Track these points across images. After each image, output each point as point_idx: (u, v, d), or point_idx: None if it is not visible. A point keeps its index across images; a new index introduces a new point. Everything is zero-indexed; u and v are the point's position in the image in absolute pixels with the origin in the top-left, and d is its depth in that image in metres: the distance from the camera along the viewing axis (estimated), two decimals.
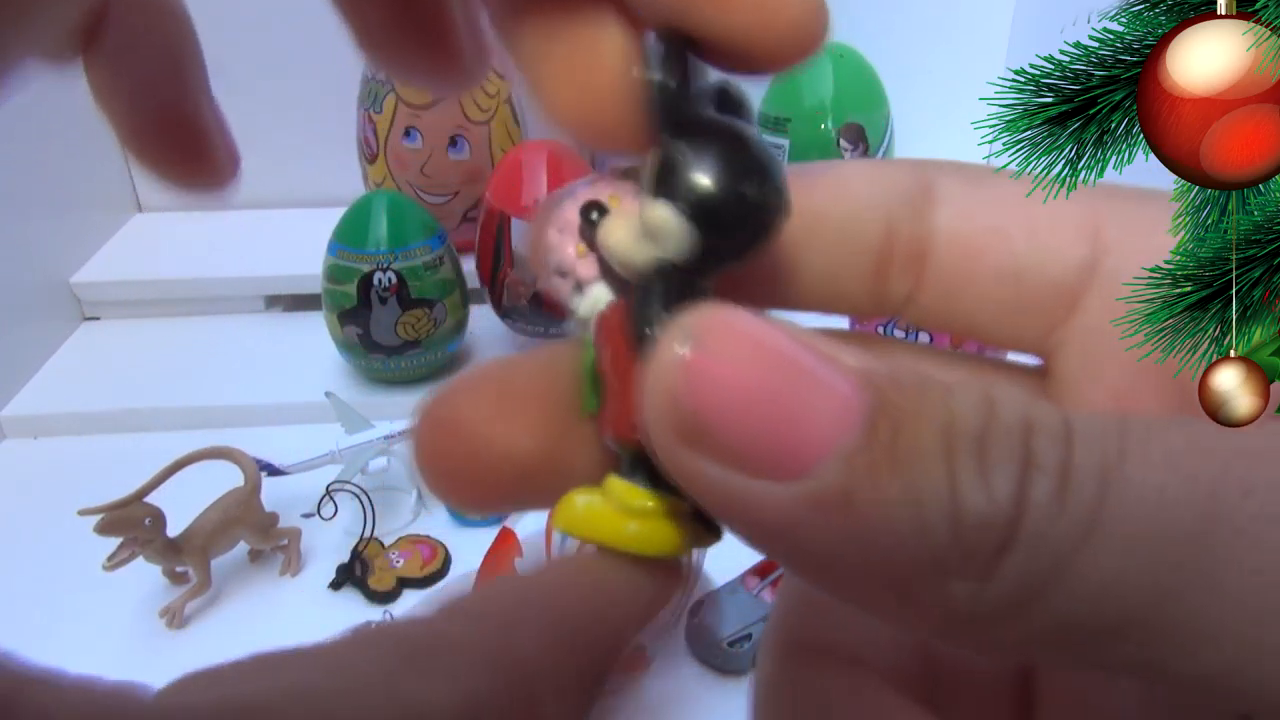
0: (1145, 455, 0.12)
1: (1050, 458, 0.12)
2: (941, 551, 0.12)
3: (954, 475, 0.12)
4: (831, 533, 0.12)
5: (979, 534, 0.12)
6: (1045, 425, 0.12)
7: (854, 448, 0.12)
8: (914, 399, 0.12)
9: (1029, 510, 0.12)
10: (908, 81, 0.83)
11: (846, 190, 0.17)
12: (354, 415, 0.61)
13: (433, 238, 0.67)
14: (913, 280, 0.17)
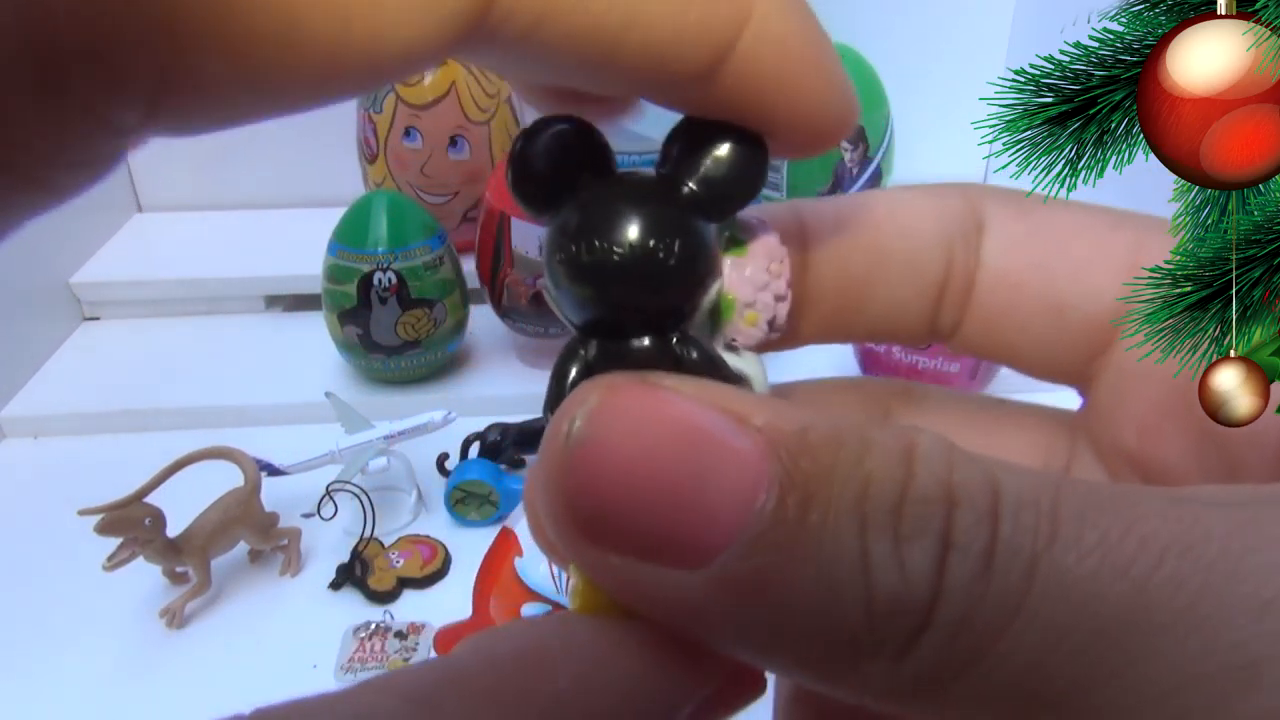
0: (1078, 539, 0.11)
1: (973, 536, 0.11)
2: (855, 634, 0.12)
3: (867, 553, 0.11)
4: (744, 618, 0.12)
5: (893, 617, 0.11)
6: (968, 496, 0.12)
7: (760, 528, 0.12)
8: (825, 462, 0.12)
9: (946, 591, 0.11)
10: (908, 81, 0.83)
11: (914, 226, 0.18)
12: (354, 415, 0.61)
13: (433, 238, 0.67)
14: (960, 310, 0.18)
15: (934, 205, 0.18)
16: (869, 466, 0.12)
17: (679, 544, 0.12)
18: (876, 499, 0.12)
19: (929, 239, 0.18)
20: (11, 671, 0.51)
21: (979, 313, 0.18)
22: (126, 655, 0.52)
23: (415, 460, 0.62)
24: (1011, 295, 0.17)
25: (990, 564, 0.11)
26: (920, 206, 0.18)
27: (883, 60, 0.80)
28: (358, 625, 0.53)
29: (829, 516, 0.12)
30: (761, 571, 0.12)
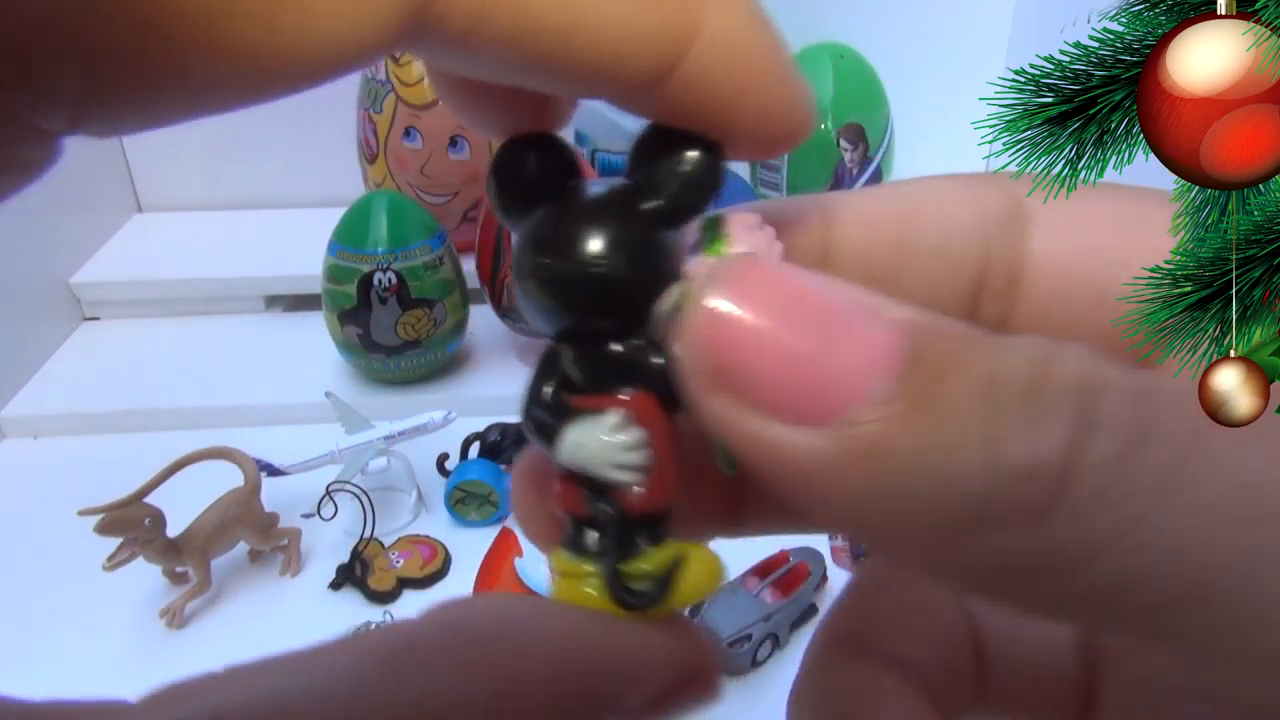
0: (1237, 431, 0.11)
1: (1120, 416, 0.11)
2: (981, 501, 0.11)
3: (994, 423, 0.11)
4: (863, 482, 0.12)
5: (1023, 483, 0.11)
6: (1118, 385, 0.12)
7: (888, 394, 0.12)
8: (959, 349, 0.12)
9: (1085, 464, 0.11)
10: (908, 81, 0.83)
11: (945, 216, 0.17)
12: (354, 415, 0.61)
13: (433, 238, 0.67)
14: (1007, 303, 0.17)
15: (968, 196, 0.17)
16: (1005, 356, 0.12)
17: (804, 401, 0.12)
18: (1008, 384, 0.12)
19: (963, 231, 0.17)
20: (12, 671, 0.51)
21: (1031, 305, 0.17)
22: (126, 655, 0.52)
23: (415, 460, 0.62)
24: (1063, 285, 0.17)
25: (1143, 441, 0.11)
26: (954, 197, 0.17)
27: (883, 60, 0.80)
28: (358, 626, 0.53)
29: (958, 388, 0.12)
30: (882, 437, 0.12)
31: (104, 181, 0.88)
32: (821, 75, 0.79)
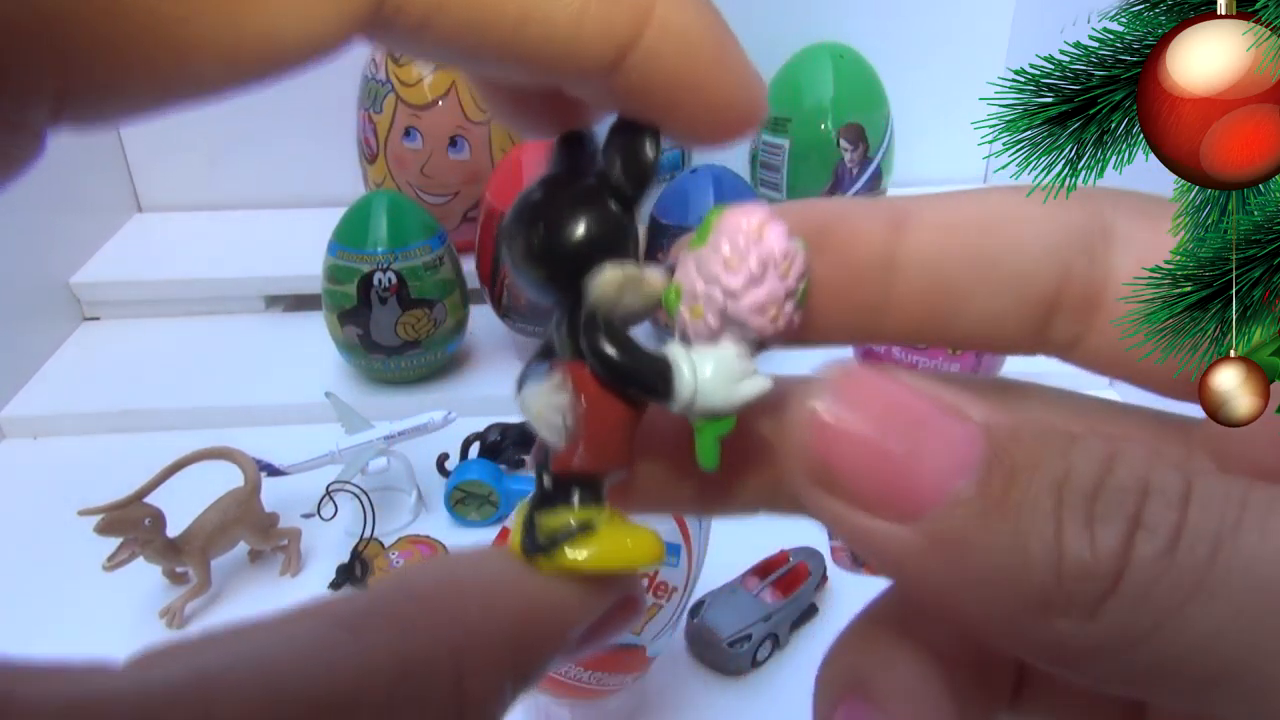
0: (1264, 524, 0.12)
1: (1163, 519, 0.13)
2: (1045, 593, 0.13)
3: (1060, 525, 0.13)
4: (945, 570, 0.14)
5: (1081, 581, 0.13)
6: (1162, 489, 0.13)
7: (968, 495, 0.13)
8: (1032, 452, 0.14)
9: (1133, 564, 0.13)
10: (908, 81, 0.83)
11: (1025, 233, 0.17)
12: (354, 415, 0.61)
13: (433, 238, 0.67)
14: (1082, 324, 0.17)
15: (1049, 213, 0.17)
16: (1072, 458, 0.13)
17: (894, 500, 0.14)
18: (1075, 484, 0.13)
19: (1041, 249, 0.17)
20: None
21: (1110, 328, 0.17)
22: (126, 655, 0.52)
23: (415, 460, 0.62)
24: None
25: (1177, 543, 0.13)
26: (1033, 213, 0.17)
27: (883, 60, 0.80)
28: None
29: (1030, 492, 0.13)
30: (963, 531, 0.13)
31: (104, 181, 0.88)
32: (821, 75, 0.79)
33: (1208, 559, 0.12)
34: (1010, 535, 0.13)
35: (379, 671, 0.14)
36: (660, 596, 0.42)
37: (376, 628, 0.14)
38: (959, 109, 0.40)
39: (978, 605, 0.14)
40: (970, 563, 0.13)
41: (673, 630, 0.44)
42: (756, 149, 0.82)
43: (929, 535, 0.14)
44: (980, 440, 0.14)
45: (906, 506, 0.14)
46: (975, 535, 0.13)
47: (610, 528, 0.17)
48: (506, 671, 0.15)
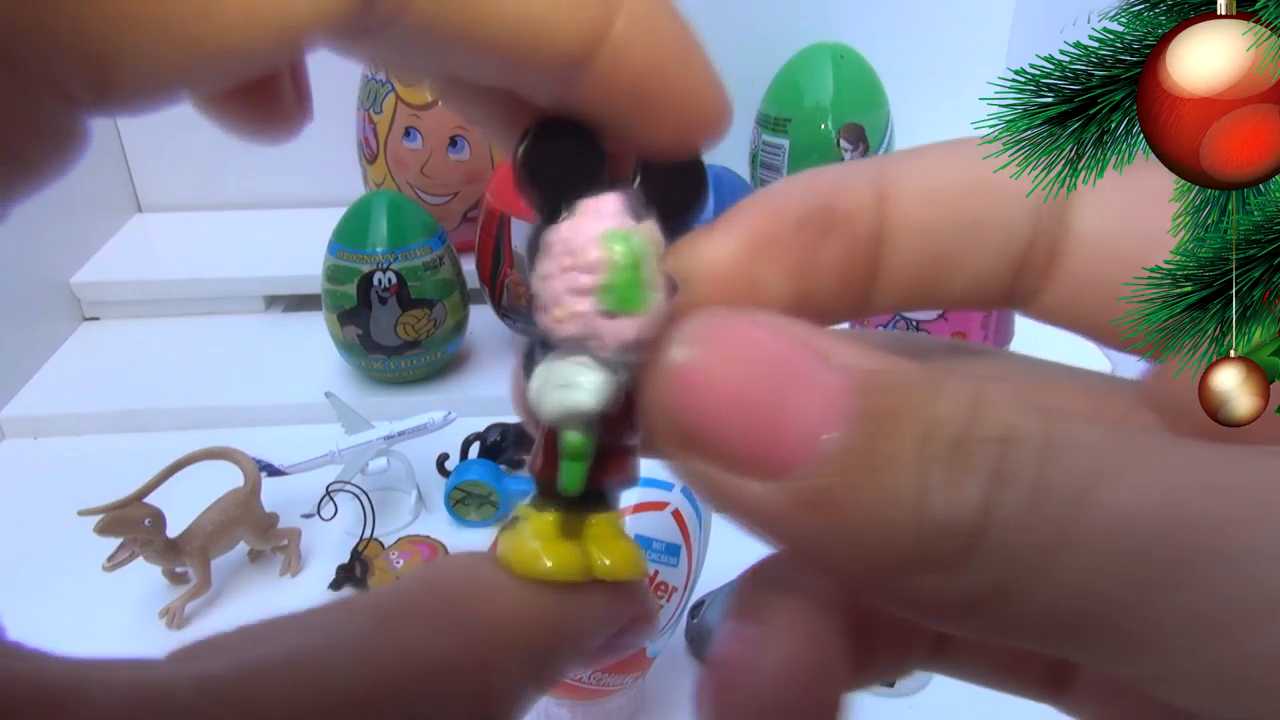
0: (1125, 476, 0.12)
1: (1024, 471, 0.12)
2: (909, 550, 0.13)
3: (923, 480, 0.13)
4: (812, 529, 0.13)
5: (944, 537, 0.13)
6: (1025, 438, 0.13)
7: (834, 450, 0.13)
8: (898, 399, 0.13)
9: (995, 520, 0.12)
10: (908, 81, 0.83)
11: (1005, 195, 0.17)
12: (354, 415, 0.61)
13: (433, 238, 0.67)
14: (1041, 277, 0.17)
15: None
16: (938, 407, 0.13)
17: (757, 458, 0.13)
18: (939, 435, 0.13)
19: (1018, 204, 0.17)
20: None
21: (1068, 281, 0.17)
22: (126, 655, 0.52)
23: (415, 460, 0.62)
24: (1109, 265, 0.17)
25: (1039, 496, 0.12)
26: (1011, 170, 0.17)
27: (883, 60, 0.80)
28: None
29: (893, 446, 0.13)
30: (828, 489, 0.13)
31: (104, 181, 0.88)
32: (821, 75, 0.79)
33: (1070, 511, 0.12)
34: (875, 491, 0.13)
35: (411, 667, 0.14)
36: (660, 596, 0.42)
37: (410, 625, 0.14)
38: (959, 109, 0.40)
39: (848, 563, 0.14)
40: (837, 521, 0.13)
41: (673, 630, 0.44)
42: (757, 149, 0.82)
43: (796, 494, 0.13)
44: (847, 389, 0.13)
45: (771, 464, 0.13)
46: (840, 493, 0.13)
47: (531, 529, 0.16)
48: (528, 674, 0.15)
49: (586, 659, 0.17)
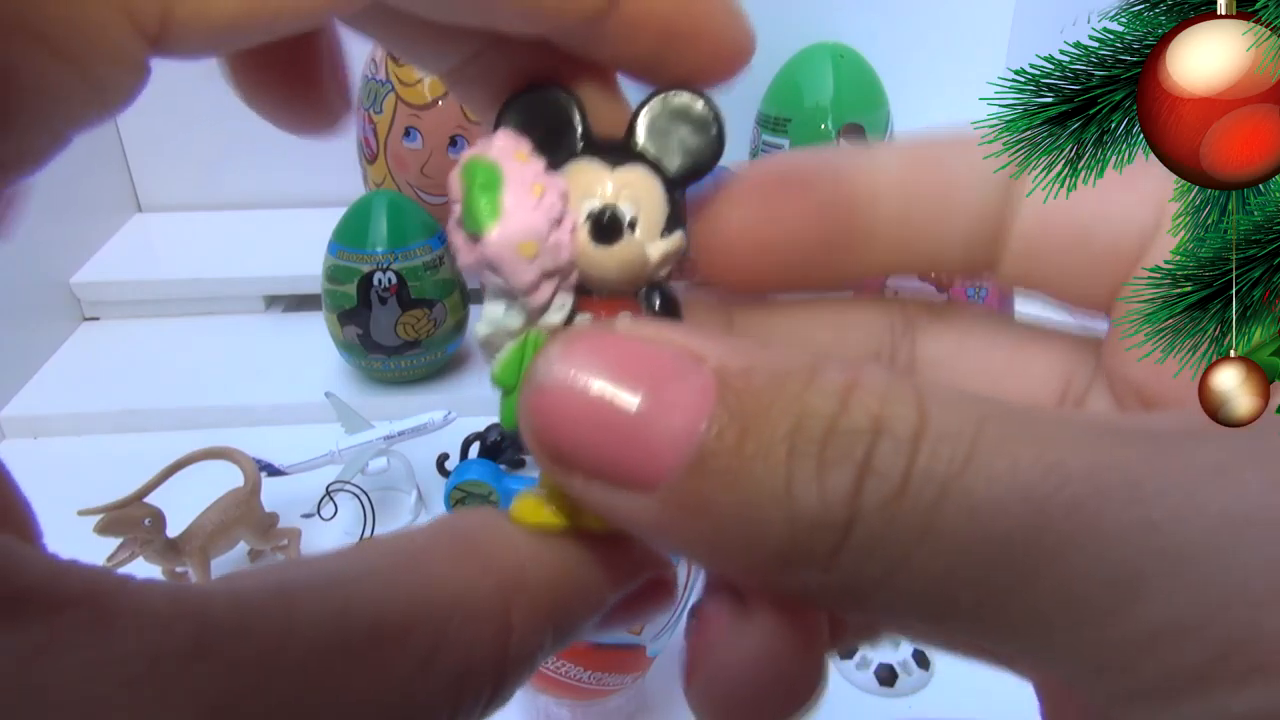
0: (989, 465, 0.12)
1: (891, 463, 0.12)
2: (783, 548, 0.13)
3: (791, 477, 0.13)
4: (690, 533, 0.14)
5: (814, 533, 0.13)
6: (893, 427, 0.13)
7: (701, 455, 0.13)
8: (766, 396, 0.13)
9: (862, 512, 0.13)
10: (908, 81, 0.83)
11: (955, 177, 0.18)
12: (354, 415, 0.61)
13: (433, 238, 0.67)
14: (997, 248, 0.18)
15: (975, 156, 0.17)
16: (806, 401, 0.13)
17: (629, 470, 0.13)
18: (806, 430, 0.13)
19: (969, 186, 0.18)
20: None
21: (1014, 250, 0.18)
22: None
23: (415, 460, 0.62)
24: (1043, 228, 0.17)
25: (905, 488, 0.12)
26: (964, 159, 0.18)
27: (883, 60, 0.80)
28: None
29: (761, 445, 0.13)
30: (701, 494, 0.13)
31: (104, 181, 0.88)
32: (821, 75, 0.79)
33: (933, 503, 0.12)
34: (745, 492, 0.13)
35: (436, 598, 0.14)
36: None
37: (435, 560, 0.15)
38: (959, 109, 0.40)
39: (728, 563, 0.14)
40: (711, 525, 0.13)
41: (673, 630, 0.44)
42: (757, 149, 0.82)
43: (668, 502, 0.13)
44: (713, 390, 0.13)
45: (644, 474, 0.13)
46: (712, 496, 0.13)
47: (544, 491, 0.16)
48: (547, 621, 0.15)
49: (607, 620, 0.17)
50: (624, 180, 0.16)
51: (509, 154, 0.15)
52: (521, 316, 0.16)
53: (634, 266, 0.16)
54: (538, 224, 0.15)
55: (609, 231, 0.16)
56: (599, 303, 0.16)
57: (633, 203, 0.16)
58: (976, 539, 0.12)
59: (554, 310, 0.16)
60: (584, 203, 0.16)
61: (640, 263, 0.16)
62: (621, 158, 0.16)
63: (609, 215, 0.16)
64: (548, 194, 0.15)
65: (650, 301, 0.16)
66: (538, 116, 0.16)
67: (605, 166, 0.16)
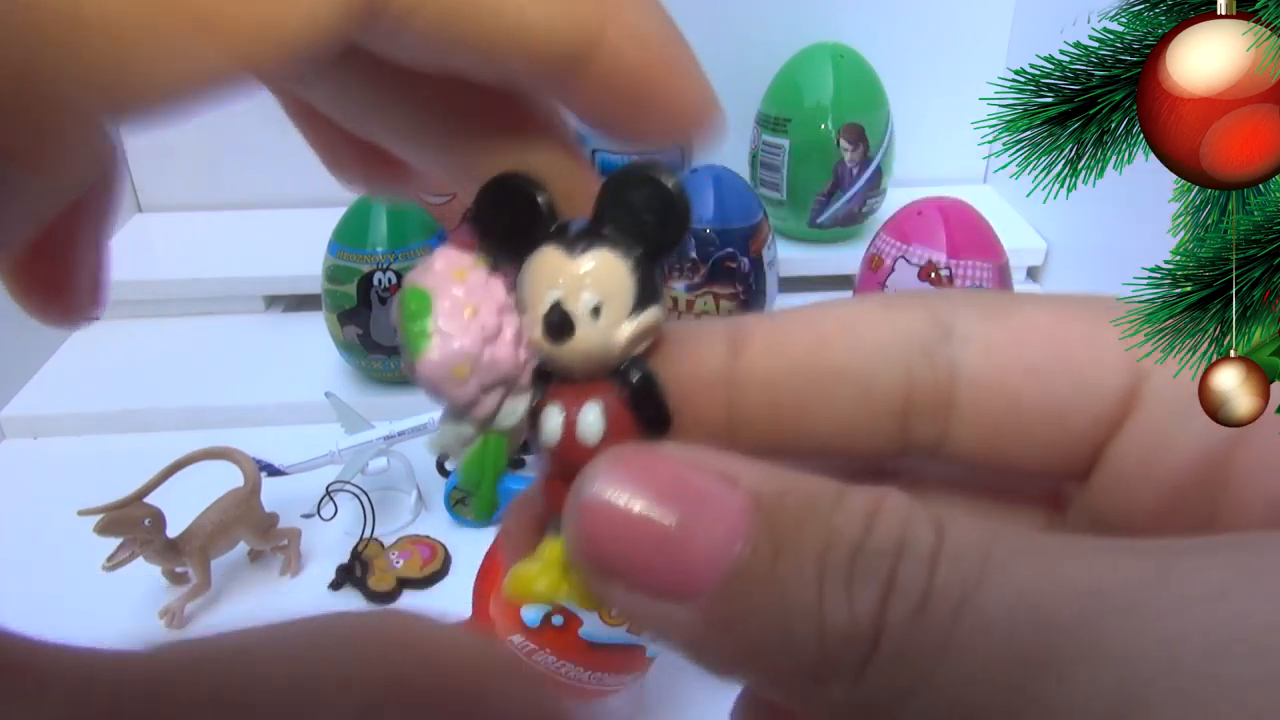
0: (1001, 583, 0.13)
1: (913, 581, 0.13)
2: (813, 661, 0.14)
3: (822, 594, 0.13)
4: (725, 645, 0.14)
5: (843, 647, 0.13)
6: (914, 548, 0.13)
7: (737, 571, 0.14)
8: (798, 518, 0.14)
9: (888, 627, 0.13)
10: (908, 81, 0.83)
11: (860, 341, 0.18)
12: (354, 415, 0.61)
13: (433, 238, 0.67)
14: (941, 424, 0.18)
15: (886, 319, 0.18)
16: (834, 523, 0.14)
17: (669, 582, 0.14)
18: (836, 550, 0.14)
19: (879, 356, 0.17)
20: None
21: (967, 425, 0.18)
22: None
23: (415, 460, 0.62)
24: (1004, 405, 0.17)
25: (925, 604, 0.13)
26: (869, 321, 0.18)
27: (883, 60, 0.80)
28: None
29: (794, 563, 0.14)
30: (737, 608, 0.14)
31: None
32: (821, 75, 0.79)
33: (952, 617, 0.13)
34: (779, 606, 0.14)
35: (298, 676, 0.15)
36: None
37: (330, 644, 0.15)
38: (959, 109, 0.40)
39: (759, 676, 0.14)
40: (745, 637, 0.14)
41: None
42: (757, 149, 0.82)
43: (705, 613, 0.14)
44: (749, 511, 0.14)
45: (682, 586, 0.14)
46: (747, 609, 0.14)
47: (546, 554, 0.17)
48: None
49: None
50: (584, 268, 0.16)
51: (447, 275, 0.16)
52: (471, 427, 0.16)
53: (598, 355, 0.16)
54: (468, 346, 0.16)
55: (560, 329, 0.16)
56: (571, 389, 0.17)
57: (596, 290, 0.16)
58: (991, 653, 0.13)
59: (505, 416, 0.16)
60: (547, 294, 0.16)
61: (604, 350, 0.16)
62: (585, 243, 0.16)
63: (558, 314, 0.16)
64: (481, 312, 0.16)
65: (626, 382, 0.16)
66: (504, 207, 0.17)
67: (566, 255, 0.16)
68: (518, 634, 0.42)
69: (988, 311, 0.18)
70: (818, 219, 0.81)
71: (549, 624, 0.42)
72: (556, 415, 0.17)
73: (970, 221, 0.63)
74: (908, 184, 0.85)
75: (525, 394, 0.17)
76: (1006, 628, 0.13)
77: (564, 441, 0.16)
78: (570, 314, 0.16)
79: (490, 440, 0.17)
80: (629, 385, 0.16)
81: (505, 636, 0.43)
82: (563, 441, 0.16)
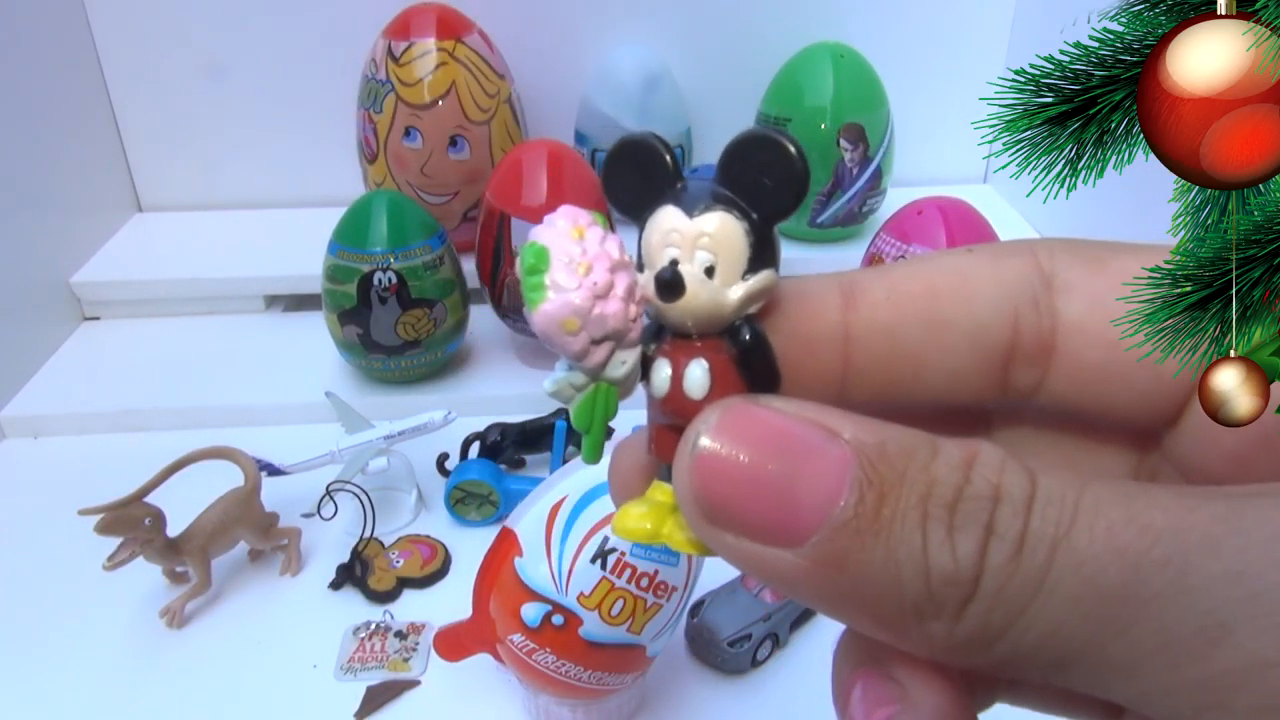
0: (1090, 527, 0.14)
1: (1009, 526, 0.14)
2: (917, 601, 0.15)
3: (926, 539, 0.14)
4: (832, 586, 0.15)
5: (945, 588, 0.14)
6: (1010, 495, 0.14)
7: (844, 517, 0.15)
8: (899, 467, 0.15)
9: (987, 570, 0.14)
10: (908, 81, 0.83)
11: (972, 293, 0.18)
12: (354, 415, 0.61)
13: (433, 238, 0.67)
14: (1040, 371, 0.19)
15: (993, 271, 0.18)
16: (934, 472, 0.15)
17: (777, 529, 0.15)
18: (937, 497, 0.15)
19: (989, 306, 0.18)
20: (12, 671, 0.51)
21: (1070, 371, 0.18)
22: (126, 655, 0.52)
23: (415, 460, 0.62)
24: (1104, 354, 0.18)
25: (1021, 548, 0.14)
26: (979, 274, 0.18)
27: (883, 60, 0.80)
28: (357, 625, 0.53)
29: (898, 510, 0.15)
30: (842, 552, 0.15)
31: (104, 181, 0.88)
32: (821, 75, 0.79)
33: (1046, 561, 0.14)
34: (884, 551, 0.14)
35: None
36: (660, 596, 0.42)
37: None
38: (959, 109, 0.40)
39: (863, 615, 0.15)
40: (852, 579, 0.15)
41: (673, 630, 0.44)
42: None
43: (813, 558, 0.15)
44: (852, 461, 0.15)
45: (791, 532, 0.15)
46: (854, 554, 0.15)
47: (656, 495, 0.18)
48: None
49: None
50: (701, 228, 0.17)
51: (565, 233, 0.17)
52: (583, 375, 0.17)
53: (708, 314, 0.17)
54: (579, 302, 0.16)
55: (670, 288, 0.17)
56: (682, 344, 0.17)
57: (712, 250, 0.17)
58: (1082, 592, 0.14)
59: (614, 366, 0.17)
60: (665, 252, 0.17)
61: (715, 309, 0.17)
62: (705, 203, 0.17)
63: (669, 272, 0.17)
64: (595, 268, 0.16)
65: (737, 340, 0.17)
66: (632, 165, 0.18)
67: (686, 215, 0.17)
68: (518, 633, 0.42)
69: (1087, 259, 0.18)
70: (818, 219, 0.81)
71: (549, 624, 0.42)
72: (665, 369, 0.17)
73: (970, 221, 0.63)
74: (908, 184, 0.85)
75: (636, 347, 0.17)
76: (1095, 568, 0.14)
77: (671, 394, 0.17)
78: (683, 273, 0.17)
79: (601, 388, 0.17)
80: (739, 344, 0.17)
81: (505, 636, 0.43)
82: (670, 394, 0.17)
